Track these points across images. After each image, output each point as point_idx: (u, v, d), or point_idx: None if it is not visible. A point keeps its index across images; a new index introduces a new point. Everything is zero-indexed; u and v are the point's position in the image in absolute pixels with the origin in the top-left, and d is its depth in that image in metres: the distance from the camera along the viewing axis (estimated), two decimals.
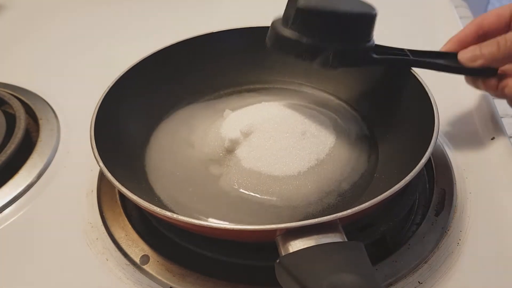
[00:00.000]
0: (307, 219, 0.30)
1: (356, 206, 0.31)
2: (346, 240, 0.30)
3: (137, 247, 0.39)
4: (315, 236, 0.30)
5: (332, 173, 0.43)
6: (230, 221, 0.39)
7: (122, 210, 0.42)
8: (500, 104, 0.55)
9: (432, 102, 0.40)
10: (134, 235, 0.40)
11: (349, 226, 0.37)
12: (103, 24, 0.78)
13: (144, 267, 0.38)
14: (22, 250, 0.41)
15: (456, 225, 0.40)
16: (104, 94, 0.44)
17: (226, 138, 0.45)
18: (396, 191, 0.33)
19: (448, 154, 0.47)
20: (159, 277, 0.37)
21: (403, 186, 0.33)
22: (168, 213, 0.32)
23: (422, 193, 0.43)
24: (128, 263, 0.39)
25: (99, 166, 0.36)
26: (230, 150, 0.45)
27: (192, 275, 0.37)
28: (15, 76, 0.62)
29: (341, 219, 0.31)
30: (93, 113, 0.42)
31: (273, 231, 0.30)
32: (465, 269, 0.37)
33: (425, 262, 0.37)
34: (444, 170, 0.45)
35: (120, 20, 0.79)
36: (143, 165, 0.46)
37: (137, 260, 0.38)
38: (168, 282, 0.36)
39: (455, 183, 0.44)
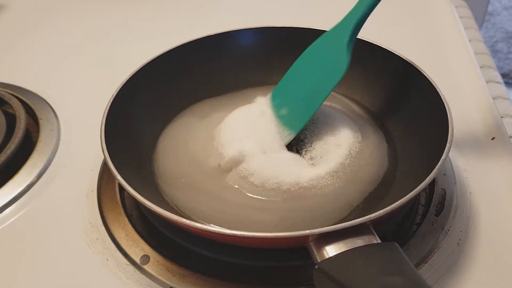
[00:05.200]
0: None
1: (382, 207, 0.31)
2: (380, 241, 0.30)
3: (137, 247, 0.39)
4: (350, 239, 0.30)
5: (357, 175, 0.42)
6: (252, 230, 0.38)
7: (122, 210, 0.42)
8: (500, 104, 0.55)
9: (445, 104, 0.40)
10: (135, 235, 0.40)
11: None
12: (104, 23, 0.78)
13: (144, 267, 0.38)
14: (22, 250, 0.41)
15: (456, 225, 0.40)
16: (115, 94, 0.44)
17: (226, 156, 0.42)
18: (421, 190, 0.33)
19: (449, 154, 0.47)
20: (159, 277, 0.37)
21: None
22: (198, 225, 0.32)
23: (422, 193, 0.43)
24: (128, 263, 0.39)
25: (117, 179, 0.35)
26: (236, 164, 0.42)
27: (192, 275, 0.37)
28: (15, 76, 0.62)
29: (372, 220, 0.31)
30: (103, 116, 0.41)
31: (306, 237, 0.30)
32: (465, 269, 0.37)
33: (425, 262, 0.37)
34: (444, 170, 0.45)
35: (121, 20, 0.79)
36: (151, 169, 0.45)
37: (137, 260, 0.38)
38: (168, 282, 0.36)
39: (455, 183, 0.44)
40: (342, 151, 0.43)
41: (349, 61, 0.43)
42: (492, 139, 0.48)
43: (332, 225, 0.30)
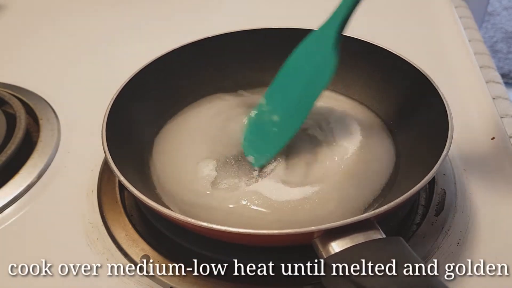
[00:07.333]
0: None
1: (386, 203, 0.32)
2: (384, 236, 0.31)
3: (137, 247, 0.39)
4: (355, 235, 0.30)
5: (366, 173, 0.42)
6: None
7: (122, 210, 0.42)
8: (500, 104, 0.55)
9: (445, 103, 0.40)
10: (135, 235, 0.40)
11: None
12: (104, 24, 0.78)
13: (145, 267, 0.38)
14: (22, 250, 0.41)
15: (456, 225, 0.40)
16: (115, 96, 0.44)
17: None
18: (423, 185, 0.33)
19: (448, 154, 0.47)
20: (159, 277, 0.37)
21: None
22: (204, 224, 0.32)
23: (422, 193, 0.43)
24: (128, 263, 0.39)
25: (120, 180, 0.35)
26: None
27: (192, 275, 0.37)
28: (15, 76, 0.62)
29: (375, 216, 0.31)
30: (104, 117, 0.41)
31: (311, 233, 0.31)
32: (465, 269, 0.37)
33: (425, 262, 0.37)
34: (444, 170, 0.45)
35: (122, 21, 0.79)
36: (149, 169, 0.45)
37: (138, 260, 0.38)
38: (168, 282, 0.36)
39: (455, 183, 0.44)
40: (347, 155, 0.43)
41: (336, 62, 0.42)
42: (492, 139, 0.48)
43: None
